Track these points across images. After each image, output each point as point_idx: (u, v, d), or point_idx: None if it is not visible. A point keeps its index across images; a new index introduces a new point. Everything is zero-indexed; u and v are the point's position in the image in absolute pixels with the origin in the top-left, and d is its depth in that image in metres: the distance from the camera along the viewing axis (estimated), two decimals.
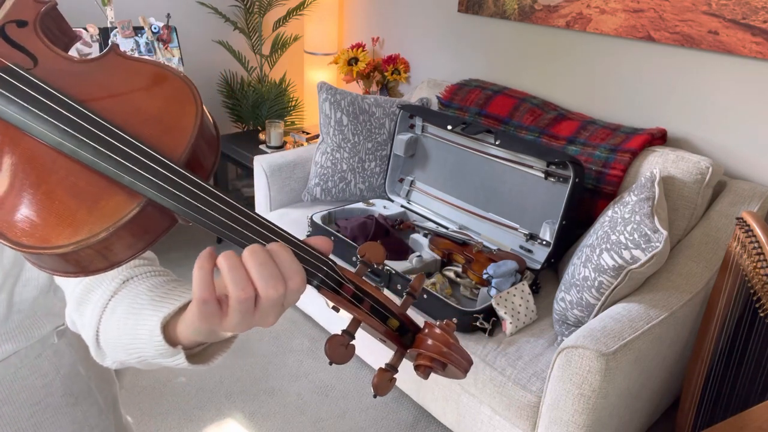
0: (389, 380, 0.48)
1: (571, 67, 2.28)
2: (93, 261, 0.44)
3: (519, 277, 1.79)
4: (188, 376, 2.10)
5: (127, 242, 0.44)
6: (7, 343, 0.72)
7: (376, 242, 0.53)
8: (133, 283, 0.62)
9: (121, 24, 2.43)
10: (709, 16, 1.86)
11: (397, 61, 2.88)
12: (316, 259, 0.46)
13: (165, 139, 0.45)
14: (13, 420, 0.74)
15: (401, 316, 0.50)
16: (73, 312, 0.64)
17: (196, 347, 0.56)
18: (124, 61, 0.51)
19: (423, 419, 1.97)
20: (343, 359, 0.46)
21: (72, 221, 0.42)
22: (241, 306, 0.42)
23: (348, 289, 0.47)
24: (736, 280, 1.52)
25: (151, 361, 0.57)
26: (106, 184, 0.43)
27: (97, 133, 0.43)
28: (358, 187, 2.40)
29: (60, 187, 0.43)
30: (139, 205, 0.43)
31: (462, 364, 0.49)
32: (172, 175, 0.43)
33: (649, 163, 1.86)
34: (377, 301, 0.49)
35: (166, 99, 0.48)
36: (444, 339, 0.48)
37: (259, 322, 0.44)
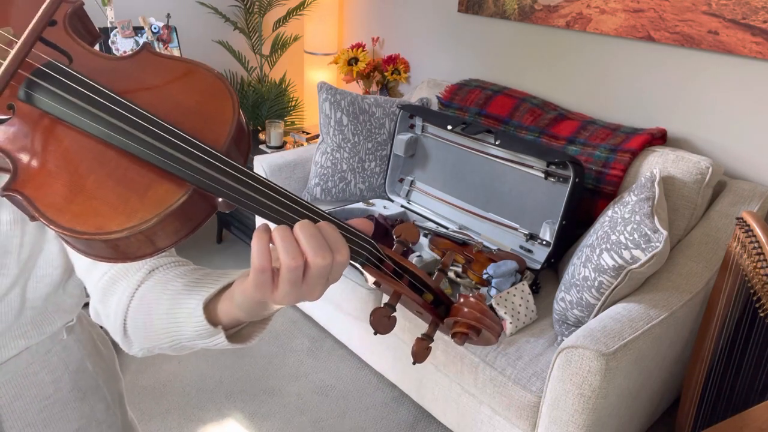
0: (426, 348, 0.52)
1: (571, 67, 2.28)
2: (141, 247, 0.46)
3: (519, 277, 1.79)
4: (188, 377, 2.10)
5: (174, 228, 0.46)
6: (20, 338, 0.73)
7: (411, 223, 0.57)
8: (161, 272, 0.64)
9: (121, 24, 2.43)
10: (709, 16, 1.85)
11: (397, 61, 2.88)
12: (361, 239, 0.50)
13: (206, 131, 0.47)
14: (24, 415, 0.75)
15: (436, 290, 0.54)
16: (98, 303, 0.66)
17: (233, 328, 0.58)
18: (158, 58, 0.53)
19: (423, 419, 1.97)
20: (386, 329, 0.50)
21: (124, 209, 0.44)
22: (291, 274, 0.45)
23: (388, 265, 0.52)
24: (736, 280, 1.52)
25: (186, 343, 0.59)
26: (155, 174, 0.45)
27: (144, 125, 0.45)
28: (358, 187, 2.40)
29: (110, 177, 0.45)
30: (187, 193, 0.45)
31: (495, 329, 0.53)
32: (218, 163, 0.45)
33: (649, 163, 1.86)
34: (415, 276, 0.53)
35: (203, 93, 0.50)
36: (479, 306, 0.53)
37: (306, 294, 0.47)
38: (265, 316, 0.56)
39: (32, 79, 0.46)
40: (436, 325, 0.54)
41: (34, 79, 0.46)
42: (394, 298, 0.52)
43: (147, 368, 2.12)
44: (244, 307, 0.52)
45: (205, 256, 2.84)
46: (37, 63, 0.46)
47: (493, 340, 0.54)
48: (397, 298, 0.52)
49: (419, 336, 0.52)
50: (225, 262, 2.81)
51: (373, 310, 0.50)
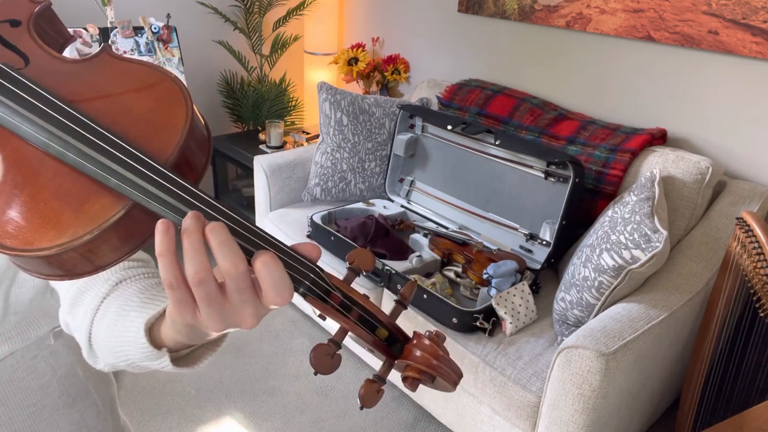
0: (377, 392, 0.46)
1: (571, 67, 2.28)
2: (78, 264, 0.43)
3: (519, 277, 1.79)
4: (188, 376, 2.10)
5: (112, 245, 0.43)
6: (4, 344, 0.71)
7: (365, 249, 0.50)
8: (125, 285, 0.62)
9: (121, 24, 2.43)
10: (709, 16, 1.86)
11: (397, 61, 2.88)
12: (303, 266, 0.44)
13: (154, 141, 0.44)
14: (9, 421, 0.74)
15: (390, 326, 0.48)
16: (66, 314, 0.64)
17: (183, 350, 0.54)
18: (116, 61, 0.51)
19: (423, 419, 1.97)
20: (328, 370, 0.44)
21: (56, 223, 0.41)
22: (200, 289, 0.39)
23: (336, 297, 0.46)
24: (736, 280, 1.52)
25: (138, 363, 0.56)
26: (93, 187, 0.42)
27: (83, 134, 0.43)
28: (358, 187, 2.40)
29: (46, 188, 0.42)
30: (125, 208, 0.42)
31: (451, 377, 0.47)
32: (158, 178, 0.42)
33: (649, 163, 1.86)
34: (366, 311, 0.47)
35: (156, 100, 0.47)
36: (433, 350, 0.47)
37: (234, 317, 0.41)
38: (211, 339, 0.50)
39: None
40: (390, 365, 0.48)
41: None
42: (340, 334, 0.46)
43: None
44: (179, 330, 0.46)
45: None
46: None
47: (450, 389, 0.48)
48: (344, 334, 0.46)
49: (369, 377, 0.46)
50: None
51: (314, 346, 0.44)
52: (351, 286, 0.47)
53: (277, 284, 0.40)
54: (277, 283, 0.40)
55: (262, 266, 0.39)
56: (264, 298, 0.41)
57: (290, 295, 0.41)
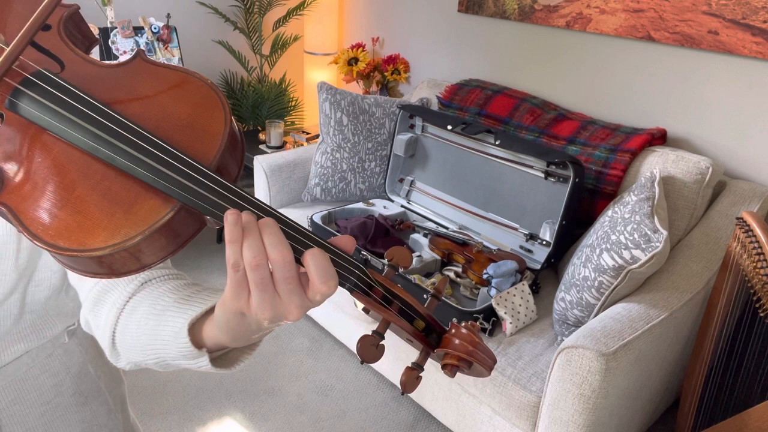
0: (416, 378, 0.49)
1: (571, 67, 2.28)
2: (126, 263, 0.44)
3: (519, 277, 1.79)
4: (188, 377, 2.10)
5: (160, 245, 0.45)
6: (20, 342, 0.72)
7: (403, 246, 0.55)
8: (153, 285, 0.63)
9: (121, 24, 2.43)
10: (709, 16, 1.86)
11: (397, 61, 2.88)
12: (349, 263, 0.47)
13: (196, 145, 0.46)
14: (23, 419, 0.74)
15: (428, 318, 0.51)
16: (89, 312, 0.64)
17: (219, 351, 0.56)
18: (151, 66, 0.51)
19: (423, 419, 1.97)
20: (374, 358, 0.48)
21: (108, 225, 0.43)
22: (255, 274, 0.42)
23: (378, 291, 0.49)
24: (736, 280, 1.52)
25: (170, 362, 0.57)
26: (141, 189, 0.44)
27: (131, 139, 0.44)
28: (358, 187, 2.40)
29: (95, 191, 0.44)
30: (173, 209, 0.43)
31: (487, 363, 0.50)
32: (206, 180, 0.43)
33: (649, 163, 1.86)
34: (405, 303, 0.50)
35: (195, 105, 0.48)
36: (470, 338, 0.50)
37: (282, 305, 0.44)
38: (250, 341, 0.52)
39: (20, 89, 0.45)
40: (427, 354, 0.51)
41: (22, 89, 0.45)
42: (383, 325, 0.49)
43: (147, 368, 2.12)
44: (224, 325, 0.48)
45: (205, 256, 2.84)
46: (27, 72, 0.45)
47: (486, 374, 0.52)
48: (387, 325, 0.49)
49: (409, 365, 0.50)
50: (225, 262, 2.81)
51: (361, 337, 0.47)
52: (391, 281, 0.50)
53: (323, 274, 0.43)
54: (324, 273, 0.43)
55: (309, 258, 0.43)
56: (311, 289, 0.43)
57: (335, 284, 0.44)
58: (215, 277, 2.69)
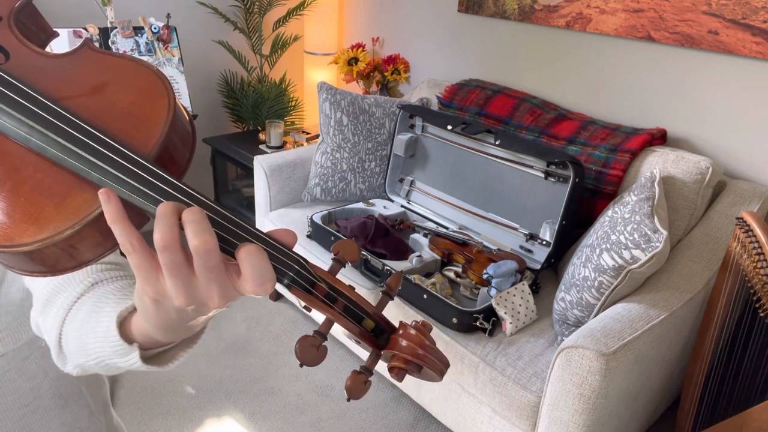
0: (363, 383, 0.46)
1: (571, 67, 2.28)
2: (60, 260, 0.43)
3: (519, 277, 1.79)
4: (188, 376, 2.10)
5: (94, 240, 0.43)
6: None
7: (350, 240, 0.50)
8: (101, 286, 0.62)
9: (121, 24, 2.43)
10: (709, 16, 1.86)
11: (397, 61, 2.88)
12: (287, 257, 0.44)
13: (136, 134, 0.44)
14: (1, 423, 0.74)
15: (376, 317, 0.48)
16: (38, 315, 0.63)
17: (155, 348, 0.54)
18: (97, 55, 0.50)
19: (423, 419, 1.97)
20: (314, 361, 0.44)
21: (37, 218, 0.41)
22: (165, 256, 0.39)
23: (321, 288, 0.45)
24: (736, 280, 1.52)
25: (107, 361, 0.55)
26: (74, 181, 0.42)
27: (64, 129, 0.42)
28: (358, 187, 2.40)
29: (27, 183, 0.42)
30: None
31: (437, 367, 0.47)
32: (140, 171, 0.42)
33: (649, 163, 1.86)
34: (351, 301, 0.46)
35: (138, 93, 0.47)
36: (419, 340, 0.46)
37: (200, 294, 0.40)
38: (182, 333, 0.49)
39: None
40: (377, 356, 0.48)
41: None
42: (325, 325, 0.46)
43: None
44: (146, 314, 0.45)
45: None
46: None
47: (437, 378, 0.48)
48: (329, 325, 0.46)
49: (356, 369, 0.46)
50: None
51: (300, 338, 0.43)
52: (336, 277, 0.46)
53: (259, 275, 0.39)
54: (260, 274, 0.39)
55: (246, 256, 0.39)
56: (243, 286, 0.40)
57: (272, 286, 0.40)
58: None
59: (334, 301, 0.46)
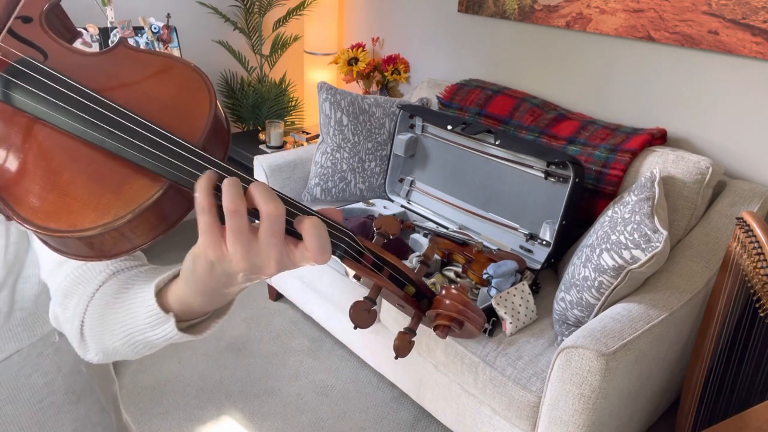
0: (409, 342, 0.51)
1: (571, 67, 2.28)
2: (117, 244, 0.45)
3: (519, 277, 1.79)
4: (188, 376, 2.10)
5: (150, 225, 0.45)
6: (10, 341, 0.72)
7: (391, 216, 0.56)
8: (122, 273, 0.63)
9: (121, 24, 2.43)
10: (709, 16, 1.85)
11: (397, 61, 2.88)
12: (339, 231, 0.48)
13: (181, 126, 0.47)
14: (16, 419, 0.74)
15: (418, 283, 0.53)
16: (57, 306, 0.64)
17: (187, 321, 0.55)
18: (134, 53, 0.52)
19: (423, 419, 1.97)
20: (366, 323, 0.49)
21: (97, 206, 0.43)
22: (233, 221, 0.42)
23: (368, 258, 0.50)
24: (736, 280, 1.52)
25: (138, 337, 0.56)
26: (130, 170, 0.44)
27: (118, 120, 0.45)
28: (358, 187, 2.40)
29: (83, 174, 0.44)
30: (163, 188, 0.44)
31: (478, 321, 0.52)
32: (193, 157, 0.44)
33: (649, 163, 1.86)
34: (396, 269, 0.52)
35: (180, 88, 0.49)
36: (460, 298, 0.52)
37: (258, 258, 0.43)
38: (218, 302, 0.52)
39: (4, 77, 0.46)
40: (419, 319, 0.53)
41: (7, 77, 0.46)
42: (374, 291, 0.51)
43: (147, 368, 2.12)
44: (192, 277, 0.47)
45: None
46: (10, 60, 0.46)
47: (476, 333, 0.54)
48: (378, 291, 0.51)
49: (401, 330, 0.52)
50: None
51: (353, 303, 0.49)
52: (381, 248, 0.52)
53: (322, 245, 0.43)
54: (323, 244, 0.43)
55: (311, 226, 0.43)
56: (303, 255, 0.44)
57: (329, 257, 0.44)
58: None
59: (380, 269, 0.51)
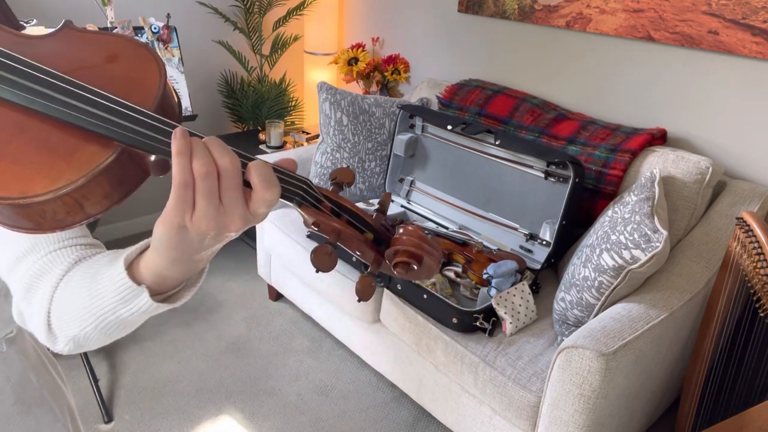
0: (370, 285, 0.53)
1: (571, 67, 2.28)
2: (70, 212, 0.45)
3: (519, 277, 1.79)
4: (188, 377, 2.10)
5: (103, 191, 0.45)
6: None
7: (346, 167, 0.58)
8: (85, 261, 0.62)
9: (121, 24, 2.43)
10: (709, 16, 1.85)
11: (397, 61, 2.88)
12: (294, 178, 0.49)
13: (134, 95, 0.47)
14: None
15: (376, 227, 0.54)
16: (21, 301, 0.62)
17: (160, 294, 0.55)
18: (81, 33, 0.52)
19: (423, 419, 1.97)
20: (328, 267, 0.51)
21: (49, 172, 0.43)
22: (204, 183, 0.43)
23: (326, 205, 0.52)
24: (736, 280, 1.52)
25: (109, 317, 0.55)
26: (81, 136, 0.44)
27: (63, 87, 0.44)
28: (358, 187, 2.40)
29: (33, 143, 0.44)
30: (115, 152, 0.44)
31: (435, 255, 0.53)
32: (146, 118, 0.44)
33: (649, 163, 1.86)
34: (354, 215, 0.53)
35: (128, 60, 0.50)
36: (417, 233, 0.53)
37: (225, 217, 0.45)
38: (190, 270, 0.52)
39: None
40: (379, 263, 0.55)
41: None
42: (333, 236, 0.52)
43: (147, 368, 2.12)
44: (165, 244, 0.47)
45: None
46: None
47: (435, 268, 0.54)
48: (338, 236, 0.52)
49: (362, 273, 0.53)
50: (225, 263, 2.81)
51: (314, 248, 0.50)
52: (339, 196, 0.53)
53: (266, 181, 0.45)
54: (267, 180, 0.45)
55: (253, 169, 0.45)
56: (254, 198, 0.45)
57: (278, 191, 0.46)
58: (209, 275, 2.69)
59: (338, 215, 0.52)
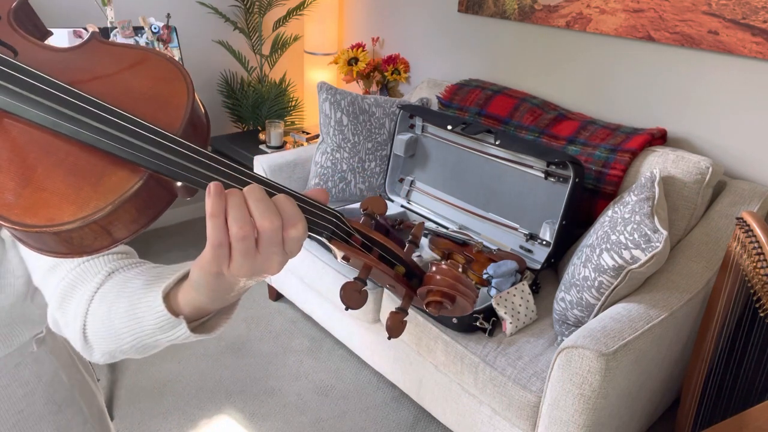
0: (401, 321, 0.51)
1: (570, 67, 2.28)
2: (97, 238, 0.44)
3: (519, 277, 1.79)
4: (188, 377, 2.10)
5: (131, 216, 0.44)
6: None
7: (377, 196, 0.55)
8: (119, 274, 0.62)
9: (121, 24, 2.43)
10: (709, 16, 1.85)
11: (397, 61, 2.88)
12: (325, 212, 0.48)
13: (160, 116, 0.46)
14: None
15: (408, 262, 0.52)
16: (56, 311, 0.63)
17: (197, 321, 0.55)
18: (108, 47, 0.51)
19: (423, 419, 1.97)
20: (358, 304, 0.49)
21: (76, 199, 0.42)
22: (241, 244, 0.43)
23: (357, 238, 0.50)
24: (736, 280, 1.52)
25: (147, 340, 0.56)
26: (108, 161, 0.43)
27: (93, 111, 0.43)
28: (358, 187, 2.40)
29: (60, 168, 0.43)
30: (142, 178, 0.43)
31: (470, 295, 0.51)
32: (173, 145, 0.43)
33: (649, 163, 1.86)
34: (385, 249, 0.51)
35: (156, 79, 0.48)
36: (452, 273, 0.51)
37: (262, 265, 0.44)
38: (228, 301, 0.52)
39: None
40: (410, 298, 0.53)
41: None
42: (364, 271, 0.50)
43: (147, 368, 2.12)
44: (203, 287, 0.48)
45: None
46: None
47: (469, 308, 0.53)
48: (368, 271, 0.50)
49: (393, 309, 0.51)
50: None
51: (344, 284, 0.49)
52: (369, 228, 0.52)
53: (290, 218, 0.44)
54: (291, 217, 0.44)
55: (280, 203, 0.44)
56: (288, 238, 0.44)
57: (304, 227, 0.44)
58: None
59: (369, 249, 0.51)
